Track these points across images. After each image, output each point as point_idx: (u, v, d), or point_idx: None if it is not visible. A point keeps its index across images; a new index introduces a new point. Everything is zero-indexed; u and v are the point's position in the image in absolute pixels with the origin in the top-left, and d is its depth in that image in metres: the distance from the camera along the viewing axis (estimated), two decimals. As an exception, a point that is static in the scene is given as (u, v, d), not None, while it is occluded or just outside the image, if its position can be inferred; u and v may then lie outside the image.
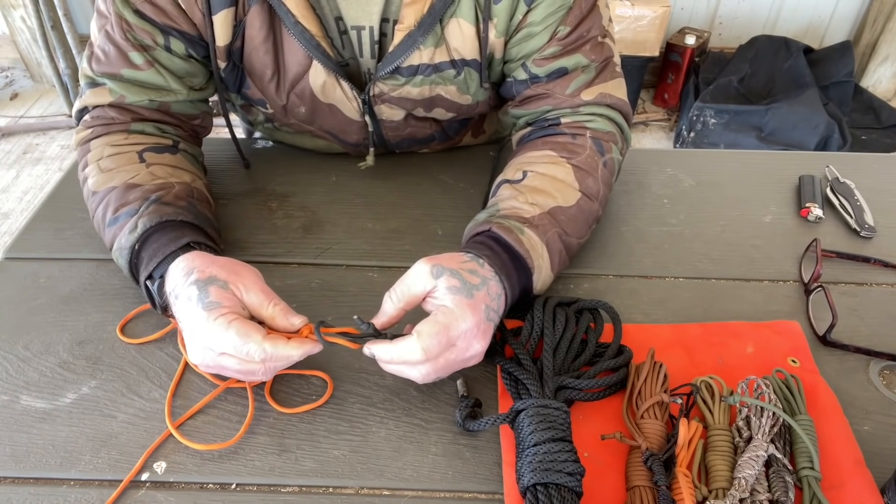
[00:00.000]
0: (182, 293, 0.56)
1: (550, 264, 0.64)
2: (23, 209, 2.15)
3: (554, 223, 0.65)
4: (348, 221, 0.79)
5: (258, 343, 0.53)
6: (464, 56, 0.72)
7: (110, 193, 0.66)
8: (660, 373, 0.57)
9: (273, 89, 0.75)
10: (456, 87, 0.75)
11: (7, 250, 0.75)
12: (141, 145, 0.71)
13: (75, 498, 0.52)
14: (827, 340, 0.64)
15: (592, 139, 0.71)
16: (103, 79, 0.72)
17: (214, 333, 0.53)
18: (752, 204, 0.82)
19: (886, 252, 0.75)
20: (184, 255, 0.59)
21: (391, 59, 0.70)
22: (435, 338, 0.52)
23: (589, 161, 0.70)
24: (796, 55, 2.38)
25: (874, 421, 0.58)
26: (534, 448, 0.50)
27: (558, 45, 0.70)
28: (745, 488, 0.49)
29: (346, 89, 0.74)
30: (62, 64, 2.41)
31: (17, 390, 0.60)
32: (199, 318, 0.54)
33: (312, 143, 0.88)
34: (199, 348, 0.55)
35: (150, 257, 0.61)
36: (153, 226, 0.62)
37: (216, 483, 0.54)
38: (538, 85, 0.73)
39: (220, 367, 0.55)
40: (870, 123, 2.34)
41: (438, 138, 0.87)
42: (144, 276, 0.61)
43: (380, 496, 0.53)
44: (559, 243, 0.65)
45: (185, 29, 0.70)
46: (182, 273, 0.57)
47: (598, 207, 0.70)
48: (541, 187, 0.67)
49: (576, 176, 0.68)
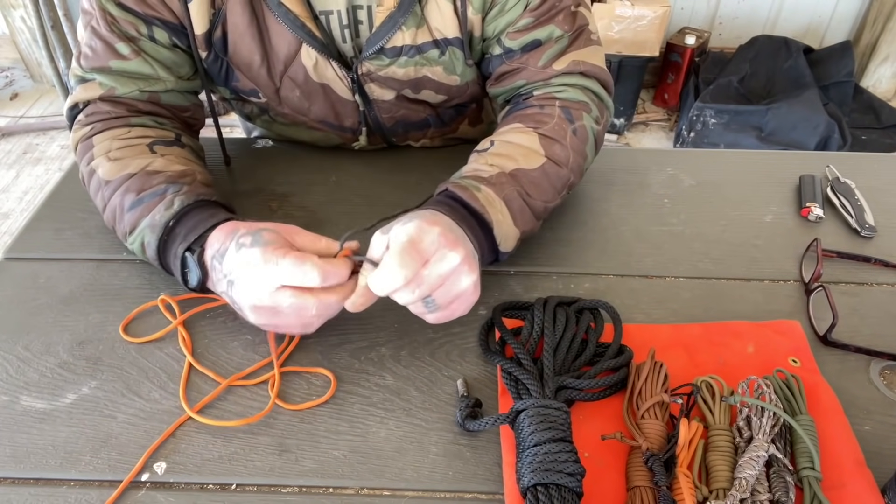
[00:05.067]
0: (231, 246, 0.56)
1: (512, 220, 0.65)
2: (23, 209, 2.15)
3: (513, 182, 0.66)
4: (348, 221, 0.79)
5: (314, 263, 0.53)
6: (446, 35, 0.73)
7: (129, 180, 0.66)
8: (660, 373, 0.57)
9: (265, 75, 0.76)
10: (442, 67, 0.76)
11: (7, 250, 0.75)
12: (148, 138, 0.71)
13: (75, 498, 0.52)
14: (827, 340, 0.64)
15: (561, 108, 0.72)
16: (92, 74, 0.73)
17: (270, 264, 0.53)
18: (752, 204, 0.82)
19: (887, 252, 0.75)
20: (223, 224, 0.60)
21: (374, 41, 0.72)
22: (403, 249, 0.52)
23: (556, 129, 0.70)
24: (796, 55, 2.38)
25: (875, 421, 0.58)
26: (534, 448, 0.50)
27: (531, 16, 0.71)
28: (745, 488, 0.49)
29: (336, 68, 0.75)
30: (62, 64, 2.41)
31: (17, 391, 0.60)
32: (254, 256, 0.54)
33: (308, 136, 0.89)
34: (255, 288, 0.54)
35: (189, 231, 0.61)
36: (191, 203, 0.63)
37: (216, 483, 0.53)
38: (512, 60, 0.74)
39: (274, 308, 0.55)
40: (870, 123, 2.34)
41: (434, 124, 0.88)
42: (183, 248, 0.61)
43: (380, 496, 0.53)
44: (520, 201, 0.66)
45: (166, 17, 0.70)
46: (226, 232, 0.58)
47: (569, 173, 0.71)
48: (504, 153, 0.69)
49: (541, 143, 0.69)
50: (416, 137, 0.90)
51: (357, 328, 0.66)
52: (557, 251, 0.75)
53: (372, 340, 0.65)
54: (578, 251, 0.75)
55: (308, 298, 0.54)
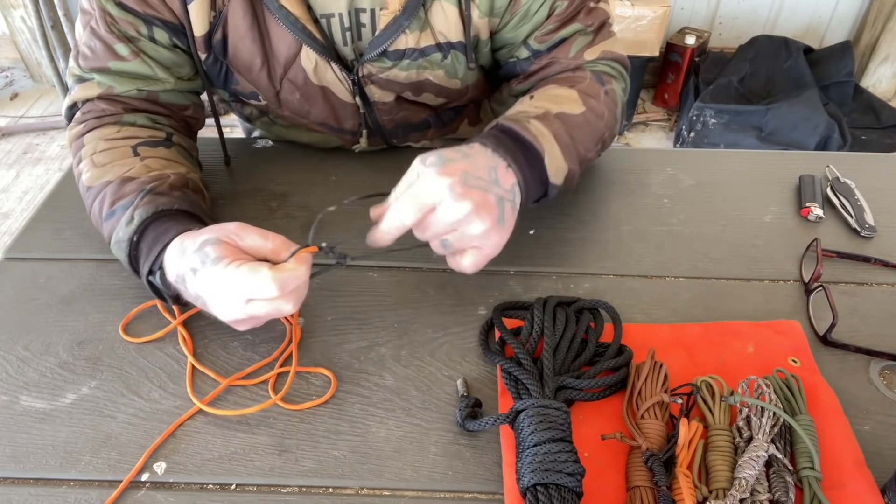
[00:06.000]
0: (187, 270, 0.56)
1: (562, 154, 0.66)
2: (23, 209, 2.15)
3: (560, 122, 0.67)
4: (348, 221, 0.79)
5: (267, 275, 0.52)
6: (449, 39, 0.73)
7: (106, 188, 0.66)
8: (660, 373, 0.57)
9: (265, 78, 0.76)
10: (444, 70, 0.76)
11: (7, 250, 0.75)
12: (135, 139, 0.71)
13: (75, 498, 0.52)
14: (827, 340, 0.64)
15: (592, 72, 0.75)
16: (91, 74, 0.73)
17: (230, 281, 0.53)
18: (752, 204, 0.82)
19: (887, 252, 0.75)
20: (171, 243, 0.59)
21: (377, 43, 0.72)
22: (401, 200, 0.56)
23: (591, 88, 0.73)
24: (796, 55, 2.38)
25: (874, 421, 0.58)
26: (534, 448, 0.50)
27: (556, 20, 0.73)
28: (745, 488, 0.49)
29: (336, 70, 0.75)
30: (62, 64, 2.41)
31: (17, 391, 0.60)
32: (212, 277, 0.54)
33: (308, 138, 0.89)
34: (227, 306, 0.54)
35: (150, 248, 0.61)
36: (149, 216, 0.62)
37: (216, 483, 0.53)
38: (541, 58, 0.76)
39: (252, 316, 0.55)
40: (870, 123, 2.34)
41: (434, 124, 0.88)
42: (146, 271, 0.61)
43: (380, 496, 0.53)
44: (567, 139, 0.67)
45: (166, 18, 0.70)
46: (177, 255, 0.57)
47: (605, 128, 0.73)
48: (547, 98, 0.71)
49: (580, 96, 0.72)
50: (416, 139, 0.90)
51: (357, 328, 0.66)
52: (557, 251, 0.75)
53: (372, 340, 0.65)
54: (578, 251, 0.75)
55: (278, 301, 0.54)
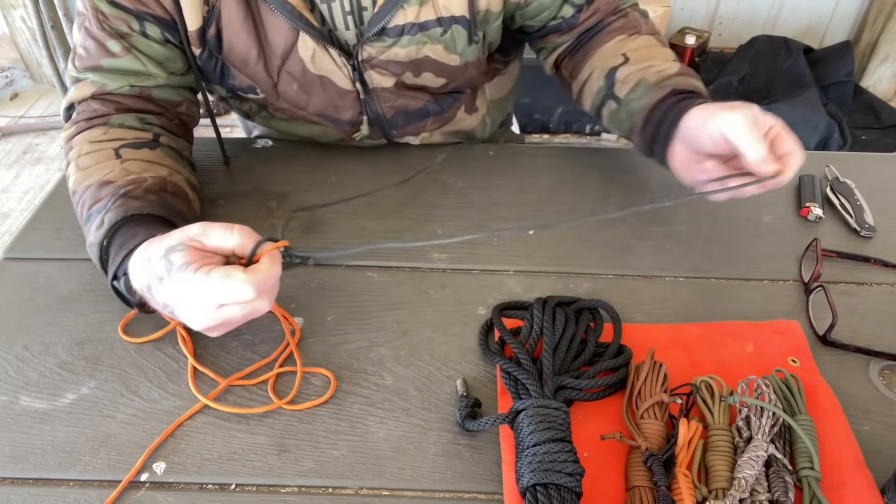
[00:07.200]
0: (153, 279, 0.54)
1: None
2: (23, 209, 2.15)
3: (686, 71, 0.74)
4: (348, 221, 0.79)
5: (242, 279, 0.50)
6: (452, 13, 0.73)
7: (86, 192, 0.66)
8: (660, 372, 0.57)
9: (262, 70, 0.76)
10: (443, 45, 0.76)
11: (7, 250, 0.75)
12: (119, 141, 0.71)
13: (74, 498, 0.52)
14: (827, 340, 0.64)
15: (630, 9, 0.82)
16: (85, 73, 0.73)
17: (200, 289, 0.51)
18: (752, 203, 0.82)
19: (886, 252, 0.74)
20: (137, 249, 0.57)
21: (377, 20, 0.71)
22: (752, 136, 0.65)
23: (648, 25, 0.81)
24: (796, 55, 2.38)
25: (874, 421, 0.58)
26: (533, 448, 0.50)
27: None
28: (744, 488, 0.49)
29: (335, 56, 0.75)
30: (62, 64, 2.41)
31: (17, 391, 0.60)
32: (179, 285, 0.52)
33: (308, 130, 0.88)
34: (198, 313, 0.52)
35: (116, 253, 0.59)
36: (118, 220, 0.61)
37: (215, 483, 0.53)
38: (586, 10, 0.80)
39: (226, 321, 0.53)
40: (870, 123, 2.34)
41: (432, 112, 0.87)
42: (111, 276, 0.60)
43: (379, 496, 0.53)
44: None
45: (158, 13, 0.71)
46: (142, 263, 0.55)
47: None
48: (657, 59, 0.76)
49: (656, 40, 0.79)
50: (415, 130, 0.89)
51: (356, 328, 0.66)
52: (557, 251, 0.75)
53: (371, 340, 0.65)
54: (578, 251, 0.75)
55: (253, 303, 0.52)
